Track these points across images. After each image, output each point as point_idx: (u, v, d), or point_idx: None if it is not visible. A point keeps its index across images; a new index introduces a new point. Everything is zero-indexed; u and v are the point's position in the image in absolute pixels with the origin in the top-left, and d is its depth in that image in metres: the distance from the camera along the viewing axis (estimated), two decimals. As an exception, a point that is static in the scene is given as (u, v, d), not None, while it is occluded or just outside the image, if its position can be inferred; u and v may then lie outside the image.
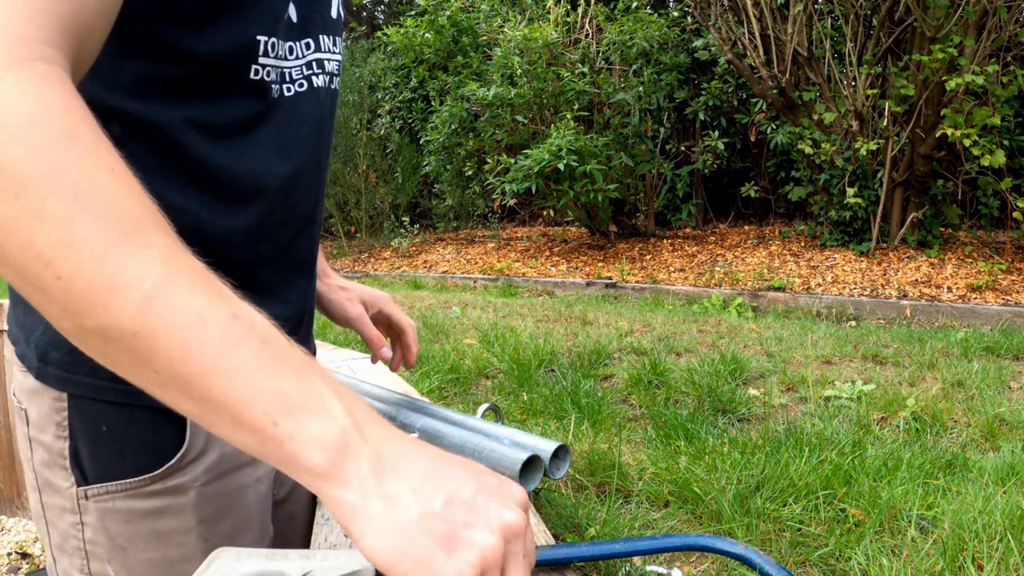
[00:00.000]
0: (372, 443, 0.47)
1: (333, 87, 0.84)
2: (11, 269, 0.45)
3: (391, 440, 0.49)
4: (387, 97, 10.29)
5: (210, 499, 0.76)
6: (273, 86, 0.74)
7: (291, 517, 0.98)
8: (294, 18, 0.75)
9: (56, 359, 0.71)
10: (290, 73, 0.76)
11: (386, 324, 1.13)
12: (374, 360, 1.12)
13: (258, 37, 0.69)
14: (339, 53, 0.84)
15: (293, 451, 0.46)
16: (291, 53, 0.75)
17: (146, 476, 0.73)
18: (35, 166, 0.44)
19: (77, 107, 0.48)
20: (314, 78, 0.79)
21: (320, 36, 0.79)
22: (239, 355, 0.46)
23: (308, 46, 0.77)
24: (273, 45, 0.72)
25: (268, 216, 0.77)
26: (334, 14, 0.82)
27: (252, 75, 0.70)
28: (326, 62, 0.80)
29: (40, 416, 0.74)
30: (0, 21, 0.47)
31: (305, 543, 1.04)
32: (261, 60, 0.71)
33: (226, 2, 0.66)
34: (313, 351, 1.01)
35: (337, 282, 1.10)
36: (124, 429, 0.72)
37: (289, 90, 0.76)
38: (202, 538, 0.76)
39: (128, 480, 0.72)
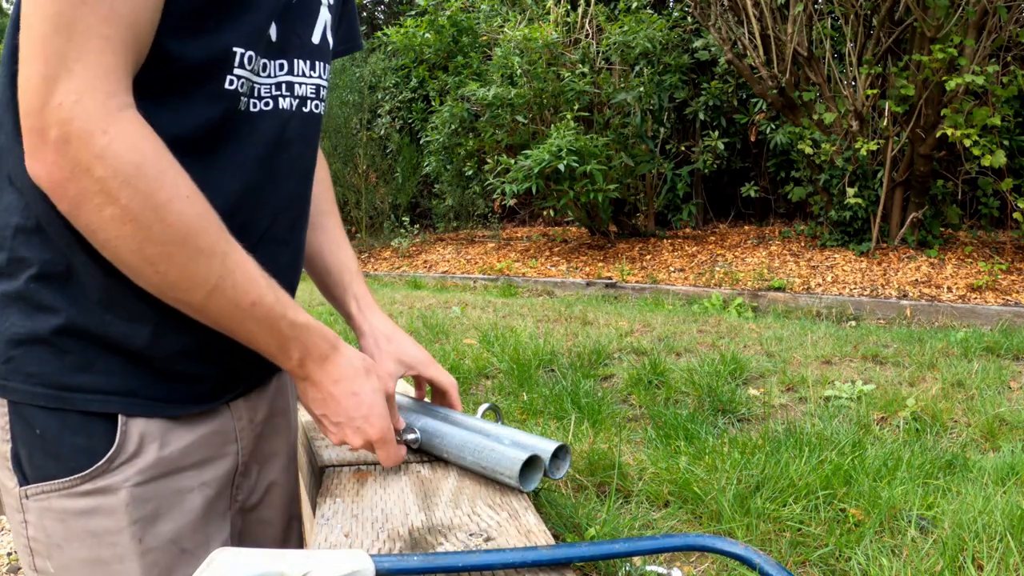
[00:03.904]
0: (309, 373, 0.83)
1: (306, 110, 0.85)
2: (127, 266, 0.70)
3: (317, 372, 0.83)
4: (387, 97, 10.29)
5: (144, 500, 0.78)
6: (243, 98, 0.77)
7: (263, 523, 0.97)
8: (273, 37, 0.78)
9: None
10: (259, 89, 0.79)
11: (427, 384, 1.07)
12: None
13: (234, 48, 0.73)
14: (319, 78, 0.86)
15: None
16: (264, 70, 0.79)
17: (76, 476, 0.76)
18: (140, 203, 0.66)
19: (161, 149, 0.68)
20: (280, 100, 0.81)
21: (295, 59, 0.82)
22: (250, 327, 0.76)
23: (281, 67, 0.81)
24: (250, 58, 0.75)
25: None
26: (316, 39, 0.84)
27: (227, 84, 0.75)
28: (297, 85, 0.83)
29: None
30: (96, 68, 0.63)
31: (280, 547, 1.02)
32: (236, 71, 0.75)
33: (209, 13, 0.71)
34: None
35: (380, 327, 1.03)
36: (56, 432, 0.76)
37: (255, 106, 0.79)
38: (135, 539, 0.77)
39: (61, 480, 0.76)
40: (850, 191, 6.29)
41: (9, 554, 2.80)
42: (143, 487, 0.78)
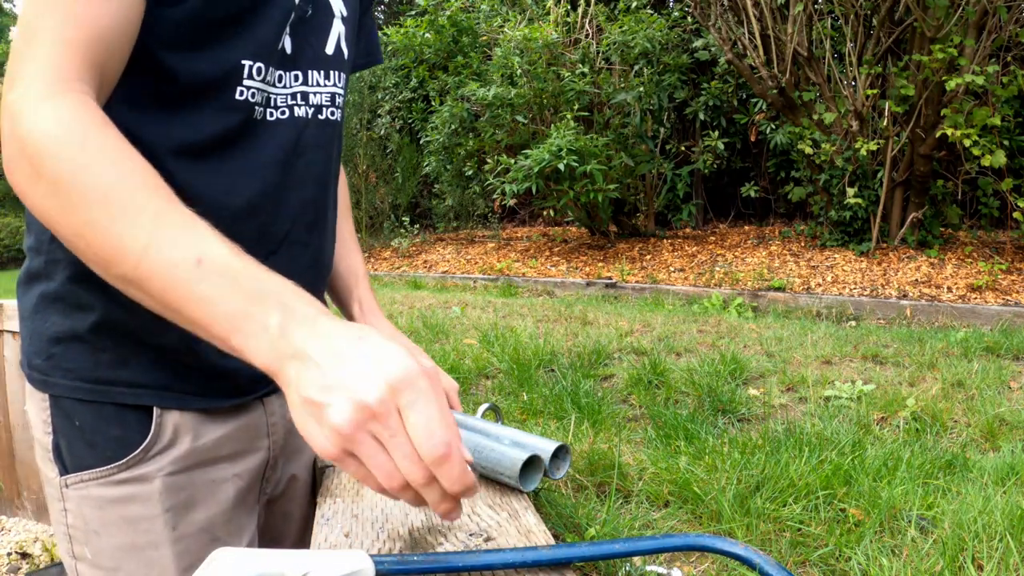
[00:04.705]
0: (295, 346, 0.57)
1: (321, 117, 0.88)
2: (66, 242, 0.65)
3: (310, 340, 0.58)
4: (387, 97, 10.29)
5: (178, 489, 0.81)
6: (257, 108, 0.80)
7: (285, 516, 1.00)
8: (288, 50, 0.82)
9: (38, 364, 0.81)
10: (275, 100, 0.82)
11: None
12: None
13: (243, 61, 0.77)
14: (334, 86, 0.89)
15: (246, 357, 0.60)
16: (280, 81, 0.83)
17: (113, 465, 0.79)
18: (62, 172, 0.62)
19: (93, 120, 0.64)
20: (296, 108, 0.85)
21: (309, 70, 0.86)
22: (202, 290, 0.59)
23: (296, 78, 0.84)
24: (260, 69, 0.79)
25: (235, 236, 0.74)
26: (329, 50, 0.88)
27: (238, 95, 0.78)
28: (312, 95, 0.87)
29: (34, 416, 0.83)
30: (45, 64, 0.65)
31: (300, 542, 1.04)
32: (246, 82, 0.78)
33: (214, 31, 0.74)
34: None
35: (381, 330, 1.02)
36: (94, 423, 0.80)
37: (271, 115, 0.83)
38: (169, 526, 0.80)
39: (98, 469, 0.79)
40: (850, 191, 6.29)
41: (9, 554, 2.80)
42: (177, 476, 0.81)
